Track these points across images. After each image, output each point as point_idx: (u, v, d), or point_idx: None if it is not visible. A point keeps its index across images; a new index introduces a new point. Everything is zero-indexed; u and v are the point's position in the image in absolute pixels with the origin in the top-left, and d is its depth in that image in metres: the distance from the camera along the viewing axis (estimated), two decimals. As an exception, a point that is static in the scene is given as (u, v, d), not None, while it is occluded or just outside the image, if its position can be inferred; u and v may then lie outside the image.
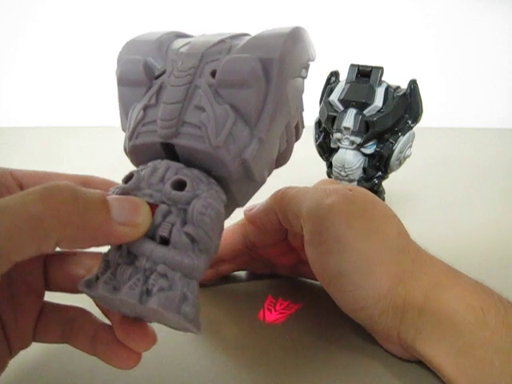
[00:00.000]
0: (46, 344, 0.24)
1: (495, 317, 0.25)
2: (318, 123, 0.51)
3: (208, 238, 0.21)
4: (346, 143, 0.46)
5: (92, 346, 0.23)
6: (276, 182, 0.30)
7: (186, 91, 0.22)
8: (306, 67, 0.25)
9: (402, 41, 0.94)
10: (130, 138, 0.23)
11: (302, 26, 0.24)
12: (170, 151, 0.23)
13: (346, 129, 0.45)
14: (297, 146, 0.27)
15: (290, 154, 0.27)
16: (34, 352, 0.26)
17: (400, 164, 0.48)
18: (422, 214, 0.51)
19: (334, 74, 0.49)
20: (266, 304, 0.32)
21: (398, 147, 0.46)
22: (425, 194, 0.58)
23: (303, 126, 0.27)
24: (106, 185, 0.26)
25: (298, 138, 0.27)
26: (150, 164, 0.22)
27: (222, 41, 0.24)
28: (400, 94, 0.46)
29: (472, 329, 0.24)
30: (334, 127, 0.46)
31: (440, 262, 0.29)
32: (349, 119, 0.45)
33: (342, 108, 0.46)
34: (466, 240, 0.45)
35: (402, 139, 0.46)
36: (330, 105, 0.47)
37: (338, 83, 0.48)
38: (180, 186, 0.21)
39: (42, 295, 0.24)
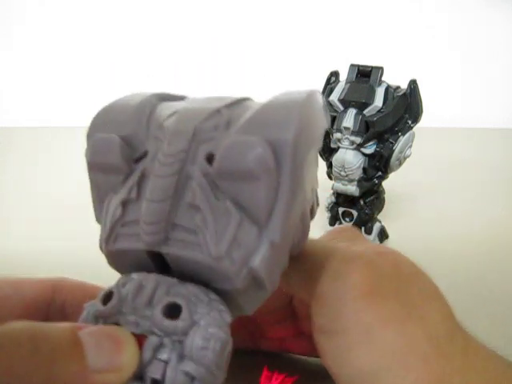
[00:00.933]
0: None
1: None
2: (318, 123, 0.50)
3: (212, 376, 0.16)
4: (345, 143, 0.46)
5: None
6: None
7: (175, 184, 0.18)
8: (321, 136, 0.20)
9: (402, 41, 0.94)
10: (106, 240, 0.19)
11: (317, 90, 0.20)
12: (157, 258, 0.18)
13: (346, 129, 0.45)
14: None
15: (305, 243, 0.22)
16: None
17: (400, 164, 0.48)
18: (422, 214, 0.51)
19: (334, 74, 0.49)
20: (262, 379, 0.27)
21: (398, 147, 0.46)
22: (425, 194, 0.58)
23: (318, 204, 0.23)
24: (80, 290, 0.22)
25: (312, 218, 0.22)
26: (134, 277, 0.18)
27: (218, 111, 0.19)
28: (400, 94, 0.46)
29: None
30: (334, 127, 0.46)
31: (495, 356, 0.21)
32: (349, 119, 0.45)
33: (341, 108, 0.46)
34: (467, 240, 0.45)
35: (402, 139, 0.46)
36: (329, 105, 0.47)
37: (337, 83, 0.48)
38: (173, 309, 0.17)
39: None
